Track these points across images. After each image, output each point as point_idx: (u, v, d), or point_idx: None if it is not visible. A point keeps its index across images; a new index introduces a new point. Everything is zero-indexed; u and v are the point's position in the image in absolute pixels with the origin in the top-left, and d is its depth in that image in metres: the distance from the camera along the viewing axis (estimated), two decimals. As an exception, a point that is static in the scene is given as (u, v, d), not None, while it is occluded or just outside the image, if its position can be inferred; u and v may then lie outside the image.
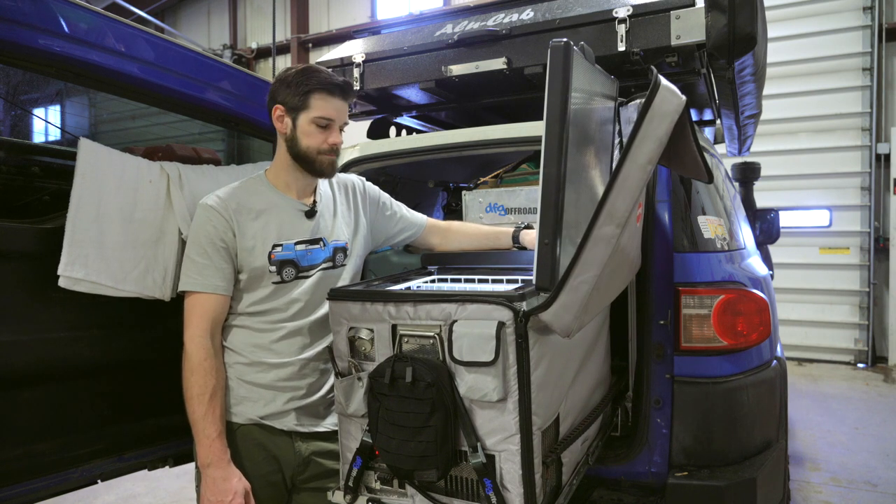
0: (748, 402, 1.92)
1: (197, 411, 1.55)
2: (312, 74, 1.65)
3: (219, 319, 1.64)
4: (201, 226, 1.63)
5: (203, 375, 1.56)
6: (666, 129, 1.31)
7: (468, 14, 2.52)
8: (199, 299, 1.61)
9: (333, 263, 1.76)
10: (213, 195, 1.67)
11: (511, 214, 2.27)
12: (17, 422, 1.62)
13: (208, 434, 1.55)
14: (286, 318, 1.68)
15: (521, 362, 1.28)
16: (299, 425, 1.69)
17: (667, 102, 1.29)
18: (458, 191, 3.22)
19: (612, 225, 1.24)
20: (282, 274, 1.66)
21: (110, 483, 2.02)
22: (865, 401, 5.56)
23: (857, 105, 7.03)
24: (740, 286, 1.95)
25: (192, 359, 1.57)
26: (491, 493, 1.31)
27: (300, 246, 1.70)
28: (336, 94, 1.67)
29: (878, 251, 7.02)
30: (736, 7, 1.84)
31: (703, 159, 1.56)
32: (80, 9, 1.66)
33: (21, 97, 2.01)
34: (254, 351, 1.66)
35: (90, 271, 1.63)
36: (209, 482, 1.55)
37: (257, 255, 1.64)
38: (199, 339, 1.58)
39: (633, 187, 1.27)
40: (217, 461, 1.55)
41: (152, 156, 1.95)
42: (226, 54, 11.17)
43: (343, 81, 1.69)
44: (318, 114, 1.65)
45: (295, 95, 1.64)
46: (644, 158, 1.28)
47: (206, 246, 1.61)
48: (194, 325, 1.59)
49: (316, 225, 1.75)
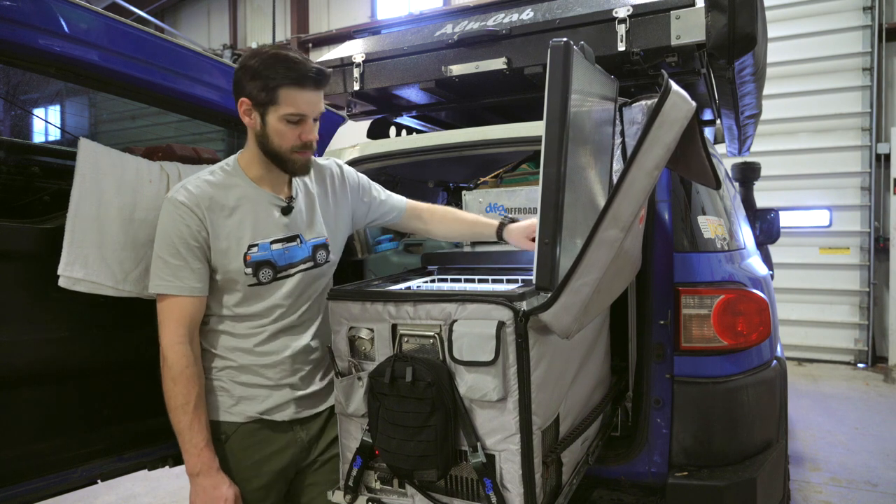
0: (748, 402, 1.92)
1: (182, 421, 1.50)
2: (279, 65, 1.47)
3: (196, 321, 1.56)
4: (172, 224, 1.52)
5: (185, 385, 1.50)
6: (675, 136, 1.29)
7: (468, 14, 2.52)
8: (174, 302, 1.52)
9: (315, 262, 1.68)
10: (182, 189, 1.54)
11: (511, 214, 2.27)
12: (17, 422, 1.62)
13: (196, 444, 1.51)
14: (268, 322, 1.62)
15: (521, 362, 1.28)
16: (297, 413, 1.67)
17: (677, 109, 1.27)
18: (458, 191, 3.22)
19: (617, 229, 1.24)
20: (258, 276, 1.57)
21: (110, 483, 2.02)
22: (865, 401, 5.55)
23: (857, 105, 7.02)
24: (740, 286, 1.95)
25: (174, 367, 1.50)
26: (491, 493, 1.31)
27: (276, 245, 1.61)
28: (307, 86, 1.50)
29: (878, 251, 7.01)
30: (736, 7, 1.84)
31: (712, 166, 1.55)
32: (80, 9, 1.66)
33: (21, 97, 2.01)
34: (241, 355, 1.62)
35: (90, 271, 1.62)
36: (199, 490, 1.52)
37: (232, 257, 1.55)
38: (178, 346, 1.51)
39: (638, 192, 1.26)
40: (206, 470, 1.51)
41: (152, 156, 1.95)
42: (226, 54, 11.16)
43: (315, 69, 1.51)
44: (288, 110, 1.50)
45: (261, 90, 1.49)
46: (651, 164, 1.26)
47: (178, 246, 1.51)
48: (172, 330, 1.51)
49: (293, 220, 1.65)
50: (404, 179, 2.95)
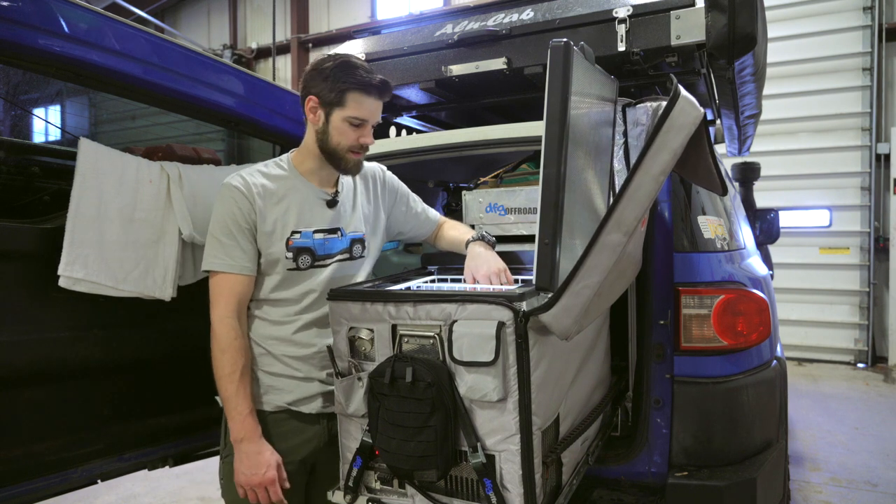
0: (748, 402, 1.92)
1: (229, 389, 1.57)
2: (351, 71, 1.61)
3: (245, 299, 1.64)
4: (226, 206, 1.61)
5: (233, 354, 1.58)
6: (682, 142, 1.29)
7: (468, 14, 2.52)
8: (225, 279, 1.60)
9: (351, 255, 1.75)
10: (237, 175, 1.65)
11: (511, 214, 2.27)
12: (17, 422, 1.62)
13: (240, 411, 1.57)
14: (301, 309, 1.68)
15: (521, 362, 1.28)
16: (325, 407, 1.70)
17: (685, 114, 1.27)
18: (458, 191, 3.21)
19: (620, 233, 1.24)
20: (297, 261, 1.65)
21: (110, 483, 2.02)
22: (865, 401, 5.56)
23: (857, 105, 7.03)
24: (740, 286, 1.95)
25: (223, 339, 1.58)
26: (491, 493, 1.31)
27: (318, 234, 1.69)
28: (373, 94, 1.63)
29: (878, 251, 7.01)
30: (736, 7, 1.84)
31: (718, 171, 1.55)
32: (80, 9, 1.66)
33: (21, 97, 2.01)
34: (275, 344, 1.67)
35: (90, 271, 1.63)
36: (243, 456, 1.57)
37: (275, 240, 1.63)
38: (228, 319, 1.59)
39: (644, 197, 1.26)
40: (250, 436, 1.58)
41: (152, 156, 1.95)
42: (226, 54, 11.17)
43: (381, 81, 1.65)
44: (353, 113, 1.62)
45: (331, 91, 1.61)
46: (657, 169, 1.26)
47: (231, 226, 1.60)
48: (222, 304, 1.59)
49: (336, 214, 1.74)
50: (404, 179, 2.95)
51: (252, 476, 1.56)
